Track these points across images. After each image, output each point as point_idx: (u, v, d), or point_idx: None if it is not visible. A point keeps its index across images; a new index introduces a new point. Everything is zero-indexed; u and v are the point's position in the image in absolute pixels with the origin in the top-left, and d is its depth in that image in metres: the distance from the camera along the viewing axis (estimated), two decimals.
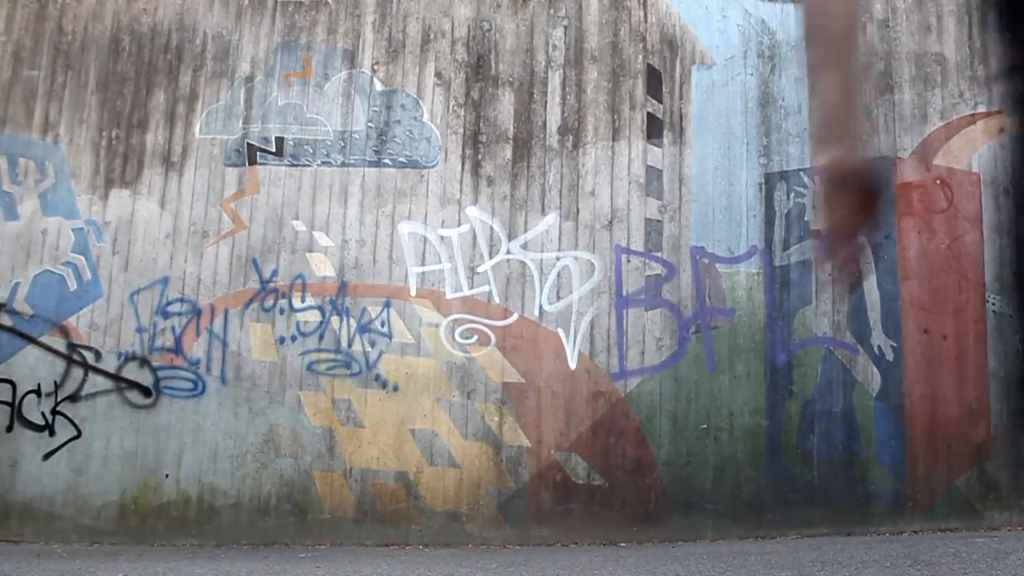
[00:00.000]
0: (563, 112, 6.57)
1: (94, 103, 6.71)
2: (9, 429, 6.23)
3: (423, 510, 6.05)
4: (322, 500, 6.08)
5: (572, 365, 6.17)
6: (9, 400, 6.25)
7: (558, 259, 6.32)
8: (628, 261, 6.32)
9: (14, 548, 5.83)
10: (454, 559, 5.40)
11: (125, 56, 6.79)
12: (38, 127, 6.67)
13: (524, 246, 6.34)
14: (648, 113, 6.54)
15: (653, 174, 6.45)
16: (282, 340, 6.28)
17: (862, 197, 1.50)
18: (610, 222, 6.38)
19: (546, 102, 6.59)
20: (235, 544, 5.93)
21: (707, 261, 6.31)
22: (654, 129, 6.51)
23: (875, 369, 6.10)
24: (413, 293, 6.30)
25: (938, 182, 6.32)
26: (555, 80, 6.62)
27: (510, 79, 6.63)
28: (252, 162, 6.57)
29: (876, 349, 6.12)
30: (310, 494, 6.09)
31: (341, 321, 6.29)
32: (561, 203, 6.42)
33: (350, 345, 6.26)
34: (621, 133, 6.52)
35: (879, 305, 6.16)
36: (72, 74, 6.76)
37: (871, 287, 6.18)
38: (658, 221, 6.38)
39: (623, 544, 5.80)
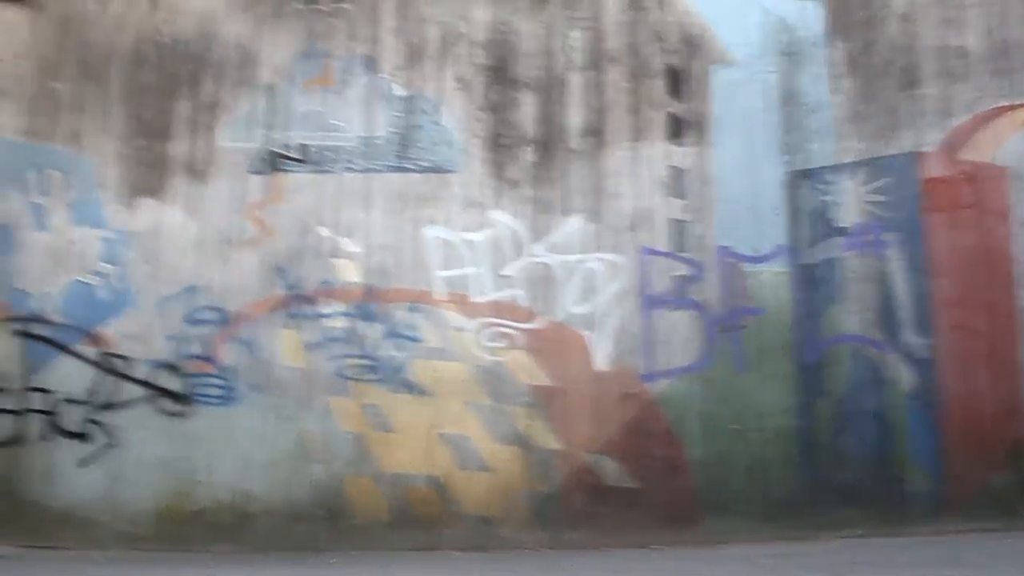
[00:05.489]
0: (584, 114, 6.57)
1: (119, 113, 6.76)
2: (45, 437, 6.28)
3: (454, 514, 6.06)
4: (353, 505, 6.10)
5: (600, 367, 6.17)
6: (44, 409, 6.31)
7: (583, 261, 6.32)
8: (654, 262, 6.31)
9: (52, 554, 5.88)
10: (486, 563, 5.41)
11: (148, 66, 6.83)
12: (65, 138, 6.72)
13: (549, 249, 6.35)
14: (669, 113, 6.53)
15: (676, 174, 6.44)
16: (310, 346, 6.30)
17: None
18: (634, 223, 6.37)
19: (567, 104, 6.59)
20: (269, 550, 5.94)
21: (733, 261, 6.29)
22: (676, 129, 6.50)
23: (907, 367, 6.06)
24: (439, 297, 6.32)
25: (964, 177, 6.28)
26: (575, 82, 6.62)
27: (530, 82, 6.64)
28: (275, 169, 6.60)
29: (907, 347, 6.07)
30: (341, 500, 6.10)
31: (368, 326, 6.31)
32: (585, 205, 6.42)
33: (378, 350, 6.28)
34: (643, 134, 6.51)
35: (909, 302, 6.13)
36: (97, 85, 6.80)
37: (900, 284, 6.15)
38: (683, 221, 6.37)
39: (655, 547, 5.78)
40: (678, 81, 6.57)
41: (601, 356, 6.18)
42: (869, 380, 6.07)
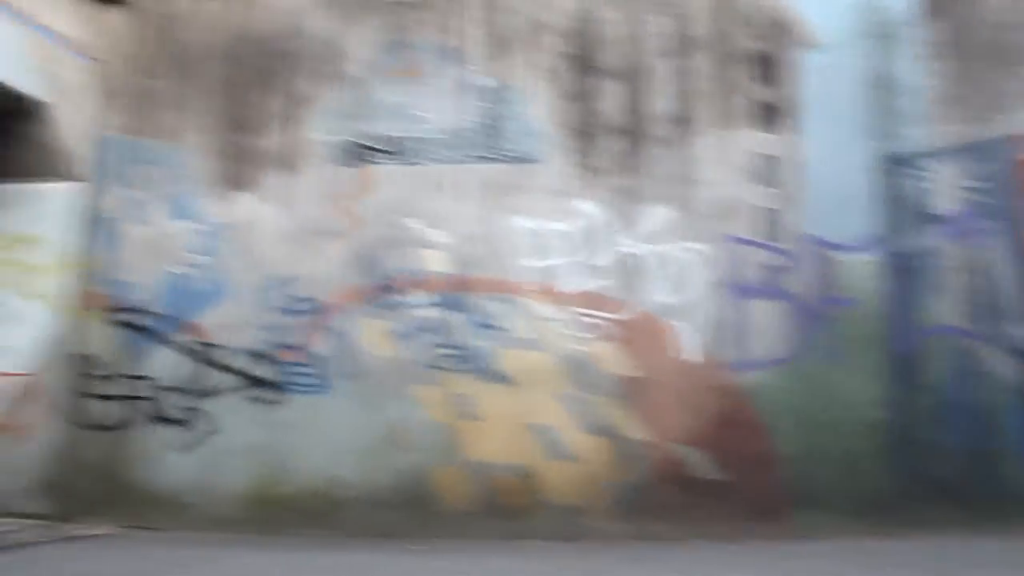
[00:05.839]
0: (671, 101, 6.50)
1: (214, 109, 6.94)
2: (144, 424, 6.51)
3: (541, 504, 6.08)
4: (441, 494, 6.17)
5: (688, 358, 6.11)
6: (144, 396, 6.54)
7: (671, 251, 6.26)
8: (742, 251, 6.22)
9: (152, 535, 6.08)
10: (573, 553, 5.41)
11: (241, 63, 6.99)
12: (164, 134, 6.93)
13: (638, 238, 6.31)
14: (758, 100, 6.42)
15: (766, 162, 6.33)
16: (400, 336, 6.39)
17: None
18: (722, 212, 6.29)
19: (654, 92, 6.53)
20: (357, 536, 6.03)
21: (823, 250, 6.16)
22: (765, 116, 6.39)
23: (1008, 359, 5.84)
24: (528, 287, 6.33)
25: None
26: (662, 70, 6.55)
27: (616, 70, 6.59)
28: (364, 161, 6.69)
29: (1008, 338, 5.85)
30: (429, 488, 6.18)
31: (456, 316, 6.37)
32: (672, 194, 6.36)
33: (467, 340, 6.33)
34: (731, 121, 6.42)
35: (1011, 292, 5.90)
36: (193, 82, 6.99)
37: (1001, 273, 5.93)
38: (773, 210, 6.26)
39: (744, 540, 5.71)
40: (766, 67, 6.45)
41: (689, 347, 6.13)
42: (967, 372, 5.87)
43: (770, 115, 6.38)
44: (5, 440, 6.60)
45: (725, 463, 5.97)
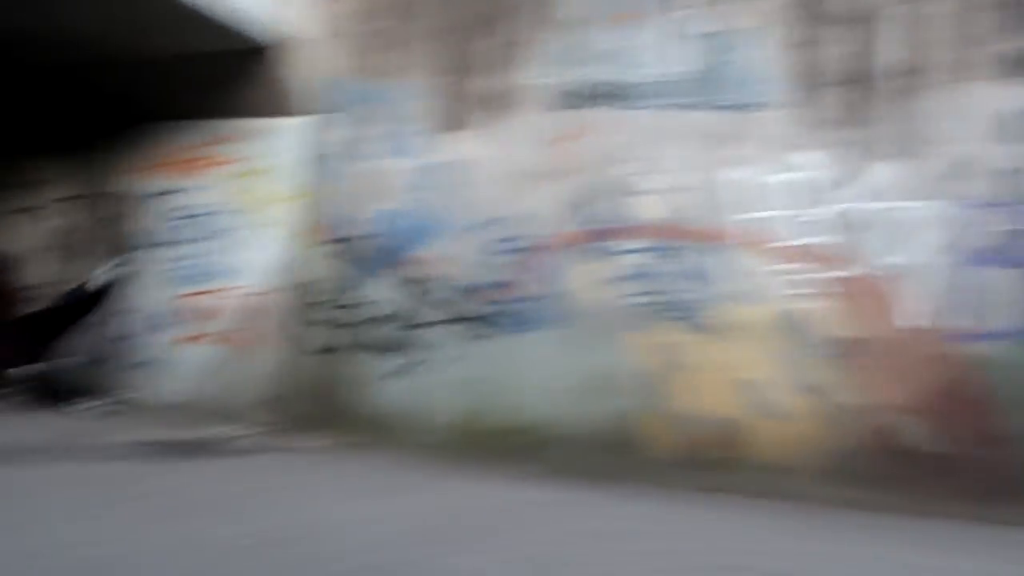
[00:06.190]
0: (904, 50, 6.08)
1: (436, 51, 7.11)
2: (361, 350, 6.87)
3: (745, 461, 5.96)
4: (645, 441, 6.18)
5: (915, 323, 5.76)
6: (362, 323, 6.90)
7: (902, 209, 5.90)
8: (979, 213, 5.78)
9: (365, 453, 6.40)
10: (775, 514, 5.28)
11: (463, 6, 7.10)
12: (388, 74, 7.18)
13: (864, 194, 5.98)
14: (1006, 48, 5.89)
15: (1012, 117, 5.83)
16: (609, 281, 6.40)
17: None
18: (958, 170, 5.85)
19: (885, 40, 6.13)
20: (556, 475, 6.09)
21: None
22: (1013, 66, 5.86)
23: None
24: (743, 240, 6.16)
25: None
26: (897, 15, 6.13)
27: (848, 16, 6.23)
28: (580, 106, 6.69)
29: None
30: (634, 434, 6.20)
31: (667, 265, 6.30)
32: (903, 149, 5.98)
33: (676, 289, 6.25)
34: (973, 72, 5.93)
35: None
36: (418, 25, 7.18)
37: None
38: (1018, 170, 5.77)
39: (967, 521, 5.36)
40: (1017, 11, 5.90)
41: (914, 311, 5.78)
42: None
43: (1019, 66, 5.85)
44: (237, 353, 7.15)
45: (949, 437, 5.63)
